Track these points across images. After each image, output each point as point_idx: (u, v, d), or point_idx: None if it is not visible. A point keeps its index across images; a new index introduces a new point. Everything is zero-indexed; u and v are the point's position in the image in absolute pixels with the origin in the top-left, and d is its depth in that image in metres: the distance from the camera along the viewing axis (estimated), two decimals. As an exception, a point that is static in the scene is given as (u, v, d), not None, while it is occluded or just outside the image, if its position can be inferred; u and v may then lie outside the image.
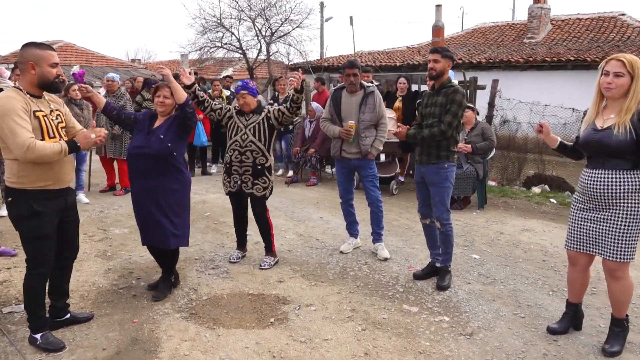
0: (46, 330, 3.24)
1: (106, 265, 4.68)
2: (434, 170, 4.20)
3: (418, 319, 3.69)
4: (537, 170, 8.75)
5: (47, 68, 3.04)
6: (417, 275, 4.43)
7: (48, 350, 3.16)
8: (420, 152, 4.28)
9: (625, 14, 19.55)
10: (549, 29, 19.96)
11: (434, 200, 4.25)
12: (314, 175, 8.64)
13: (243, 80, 4.70)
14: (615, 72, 3.02)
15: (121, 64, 28.63)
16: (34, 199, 3.03)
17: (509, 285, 4.32)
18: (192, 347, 3.26)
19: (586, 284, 3.43)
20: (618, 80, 3.02)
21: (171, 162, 3.83)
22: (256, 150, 4.45)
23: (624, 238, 3.08)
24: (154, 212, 3.83)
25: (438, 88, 4.19)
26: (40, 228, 3.07)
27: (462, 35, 22.54)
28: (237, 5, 18.08)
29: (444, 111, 4.11)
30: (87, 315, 3.61)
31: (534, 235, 5.76)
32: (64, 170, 3.16)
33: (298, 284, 4.32)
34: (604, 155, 3.10)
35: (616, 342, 3.22)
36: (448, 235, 4.27)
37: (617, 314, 3.24)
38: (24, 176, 3.01)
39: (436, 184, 4.21)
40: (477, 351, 3.25)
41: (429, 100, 4.26)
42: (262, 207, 4.65)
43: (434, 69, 4.12)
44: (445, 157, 4.17)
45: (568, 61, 15.34)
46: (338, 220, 6.10)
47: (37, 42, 3.10)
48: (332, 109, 5.02)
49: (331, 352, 3.23)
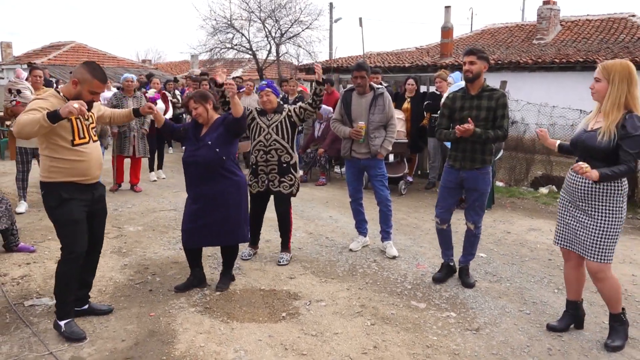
0: (71, 319, 3.41)
1: (122, 261, 4.82)
2: (479, 176, 4.15)
3: (426, 315, 3.79)
4: (545, 170, 8.81)
5: (86, 92, 3.24)
6: (437, 279, 4.40)
7: (70, 340, 3.31)
8: (462, 157, 4.14)
9: (635, 14, 19.50)
10: (559, 30, 19.95)
11: (473, 205, 4.24)
12: (323, 175, 8.75)
13: (268, 80, 4.85)
14: (595, 78, 3.17)
15: (132, 65, 28.94)
16: (63, 189, 3.26)
17: (515, 283, 4.41)
18: (208, 339, 3.38)
19: (582, 281, 3.51)
20: (597, 85, 3.16)
21: (223, 167, 3.98)
22: (280, 148, 4.58)
23: (603, 240, 3.18)
24: (207, 215, 3.98)
25: (479, 91, 4.11)
26: (69, 213, 3.28)
27: (471, 36, 22.58)
28: (248, 6, 18.32)
29: (492, 116, 4.04)
30: (106, 307, 3.76)
31: (541, 234, 5.83)
32: (92, 168, 3.35)
33: (308, 280, 4.43)
34: (588, 156, 3.20)
35: (617, 336, 3.31)
36: (478, 238, 4.36)
37: (612, 310, 3.35)
38: (54, 172, 3.24)
39: (480, 189, 4.18)
40: (483, 345, 3.35)
41: (466, 104, 4.14)
42: (288, 204, 4.79)
43: (470, 71, 4.04)
44: (489, 162, 4.17)
45: (577, 62, 15.36)
46: (347, 219, 6.21)
47: (95, 66, 3.28)
48: (342, 110, 5.12)
49: (341, 345, 3.35)
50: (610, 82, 3.09)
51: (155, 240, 5.48)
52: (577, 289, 3.53)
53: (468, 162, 4.14)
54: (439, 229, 4.48)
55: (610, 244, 3.19)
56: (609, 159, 3.11)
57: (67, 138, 3.23)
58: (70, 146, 3.23)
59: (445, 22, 19.29)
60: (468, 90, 4.17)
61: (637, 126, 3.02)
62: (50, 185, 3.28)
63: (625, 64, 3.11)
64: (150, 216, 6.40)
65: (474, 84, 4.12)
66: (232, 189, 4.02)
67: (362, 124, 4.95)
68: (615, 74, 3.07)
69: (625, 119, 3.06)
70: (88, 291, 3.70)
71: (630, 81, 3.07)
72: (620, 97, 3.07)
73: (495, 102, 4.04)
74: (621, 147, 3.05)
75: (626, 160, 3.05)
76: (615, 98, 3.07)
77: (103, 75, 3.29)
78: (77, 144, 3.26)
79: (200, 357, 3.17)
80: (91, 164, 3.34)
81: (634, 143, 3.02)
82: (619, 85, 3.06)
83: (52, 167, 3.24)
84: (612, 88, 3.09)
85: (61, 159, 3.23)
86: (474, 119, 4.01)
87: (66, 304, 3.39)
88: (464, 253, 4.42)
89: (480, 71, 4.06)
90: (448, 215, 4.39)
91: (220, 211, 3.99)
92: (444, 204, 4.35)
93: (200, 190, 3.99)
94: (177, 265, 4.70)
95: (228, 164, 4.00)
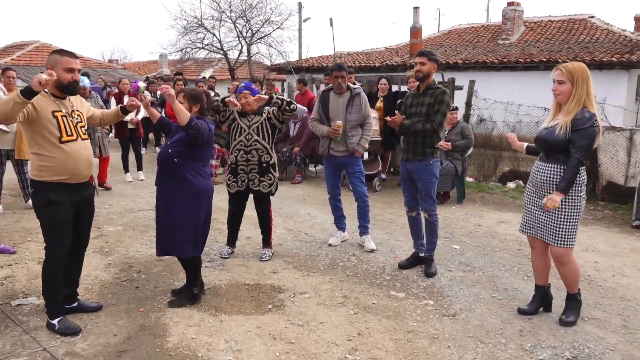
0: (62, 315, 3.48)
1: (105, 260, 4.87)
2: (421, 167, 4.49)
3: (405, 303, 3.99)
4: (512, 166, 9.17)
5: (62, 72, 3.27)
6: (402, 265, 4.74)
7: (66, 334, 3.39)
8: (406, 150, 4.56)
9: (594, 16, 20.27)
10: (522, 30, 20.58)
11: (421, 194, 4.56)
12: (298, 173, 8.90)
13: (246, 82, 4.96)
14: (557, 80, 3.44)
15: (99, 65, 28.44)
16: (52, 190, 3.30)
17: (487, 272, 4.66)
18: (198, 331, 3.50)
19: (548, 266, 3.80)
20: (560, 87, 3.44)
21: (176, 169, 3.77)
22: (261, 148, 4.71)
23: (564, 226, 3.48)
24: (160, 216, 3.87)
25: (425, 89, 4.47)
26: (55, 215, 3.33)
27: (439, 36, 23.04)
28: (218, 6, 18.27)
29: (432, 111, 4.39)
30: (95, 305, 3.83)
31: (510, 227, 6.13)
32: (81, 166, 3.40)
33: (291, 274, 4.58)
34: (548, 150, 3.51)
35: (572, 313, 3.66)
36: (434, 226, 4.60)
37: (570, 290, 3.69)
38: (43, 170, 3.29)
39: (423, 180, 4.52)
40: (460, 329, 3.57)
41: (414, 100, 4.55)
42: (268, 203, 4.93)
43: (420, 71, 4.40)
44: (430, 154, 4.48)
45: (540, 62, 15.91)
46: (325, 216, 6.38)
47: (61, 50, 3.36)
48: (320, 110, 5.29)
49: (327, 333, 3.51)
50: (575, 84, 3.37)
51: (136, 239, 5.54)
52: (544, 275, 3.80)
53: (411, 154, 4.53)
54: (408, 217, 4.82)
55: (571, 229, 3.49)
56: (567, 151, 3.41)
57: (55, 134, 3.27)
58: (58, 143, 3.27)
59: (415, 22, 19.65)
60: (419, 88, 4.54)
61: (585, 119, 3.33)
62: (40, 184, 3.31)
63: (584, 67, 3.42)
64: (129, 216, 6.43)
65: (424, 83, 4.49)
66: (182, 195, 3.74)
67: (340, 123, 5.12)
68: (578, 76, 3.36)
69: (576, 114, 3.36)
70: (75, 289, 3.75)
71: (588, 82, 3.39)
72: (582, 96, 3.37)
73: (434, 98, 4.41)
74: (571, 138, 3.36)
75: (573, 150, 3.36)
76: (579, 98, 3.37)
77: (71, 53, 3.34)
78: (64, 141, 3.30)
79: (192, 348, 3.29)
80: (80, 162, 3.37)
81: (581, 135, 3.33)
82: (581, 86, 3.37)
83: (40, 165, 3.28)
84: (576, 89, 3.37)
85: (49, 156, 3.26)
86: (417, 115, 4.48)
87: (56, 302, 3.46)
88: (426, 242, 4.68)
89: (430, 72, 4.43)
90: (414, 203, 4.70)
91: (163, 218, 3.81)
92: (406, 193, 4.74)
93: (159, 188, 3.88)
94: (162, 263, 4.78)
95: (182, 168, 3.75)
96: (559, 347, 3.34)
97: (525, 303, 3.93)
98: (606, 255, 5.13)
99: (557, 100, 3.51)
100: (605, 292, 4.24)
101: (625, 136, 7.46)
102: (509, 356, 3.25)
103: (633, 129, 7.72)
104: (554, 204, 3.36)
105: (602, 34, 18.49)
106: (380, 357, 3.23)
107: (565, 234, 3.49)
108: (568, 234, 3.49)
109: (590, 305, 3.96)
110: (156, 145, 12.68)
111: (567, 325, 3.60)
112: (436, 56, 4.47)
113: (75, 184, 3.40)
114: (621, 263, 4.92)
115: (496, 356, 3.25)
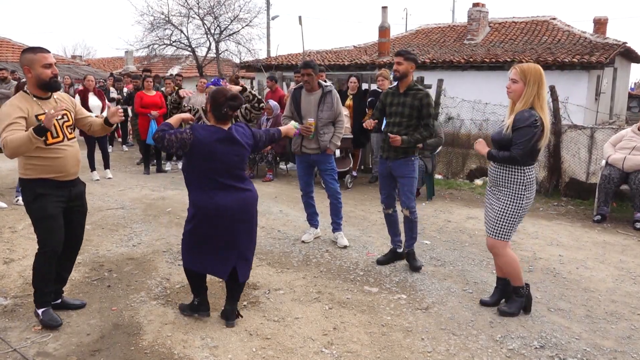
0: (48, 307, 3.47)
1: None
2: (403, 164, 4.56)
3: (379, 298, 4.06)
4: (479, 163, 9.37)
5: (40, 69, 3.23)
6: (380, 261, 4.78)
7: (47, 326, 3.41)
8: (387, 148, 4.60)
9: (556, 18, 20.87)
10: (487, 31, 21.02)
11: (403, 190, 4.61)
12: (270, 171, 8.90)
13: (214, 78, 4.91)
14: (511, 78, 3.55)
15: (62, 61, 27.68)
16: (38, 185, 3.30)
17: (457, 266, 4.77)
18: (174, 329, 3.48)
19: None
20: (513, 86, 3.55)
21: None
22: None
23: (502, 219, 3.62)
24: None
25: (405, 89, 4.51)
26: (44, 209, 3.31)
27: (407, 35, 23.33)
28: (186, 2, 18.03)
29: (415, 113, 4.47)
30: (79, 302, 3.79)
31: (478, 222, 6.27)
32: (68, 164, 3.37)
33: (265, 271, 4.59)
34: (498, 148, 3.64)
35: (513, 305, 3.77)
36: (415, 222, 4.69)
37: (513, 283, 3.78)
38: (30, 168, 3.29)
39: (405, 176, 4.59)
40: (433, 322, 3.66)
41: (394, 100, 4.58)
42: None
43: (397, 71, 4.45)
44: (411, 152, 4.57)
45: (505, 62, 16.27)
46: (297, 213, 6.41)
47: (31, 47, 3.30)
48: (292, 107, 5.31)
49: (303, 328, 3.54)
50: (526, 84, 3.47)
51: (106, 238, 5.45)
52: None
53: (392, 153, 4.59)
54: (385, 214, 4.86)
55: (506, 224, 3.62)
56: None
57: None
58: (44, 146, 3.25)
59: (383, 22, 19.84)
60: (398, 88, 4.58)
61: (524, 118, 3.44)
62: (27, 181, 3.34)
63: (539, 68, 3.51)
64: (98, 215, 6.31)
65: (402, 83, 4.54)
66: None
67: (312, 120, 5.15)
68: (530, 77, 3.46)
69: (516, 114, 3.47)
70: (62, 286, 3.74)
71: (540, 84, 3.48)
72: (531, 97, 3.47)
73: (419, 101, 4.49)
74: (512, 137, 3.48)
75: (512, 148, 3.49)
76: (528, 98, 3.47)
77: (43, 48, 3.31)
78: (50, 144, 3.28)
79: (168, 345, 3.27)
80: (67, 161, 3.36)
81: (519, 134, 3.45)
82: (532, 86, 3.46)
83: (27, 164, 3.29)
84: (527, 89, 3.47)
85: (36, 157, 3.26)
86: (399, 115, 4.53)
87: (44, 294, 3.46)
88: (406, 238, 4.75)
89: (407, 71, 4.48)
90: (391, 200, 4.77)
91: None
92: (384, 191, 4.79)
93: None
94: (133, 262, 4.72)
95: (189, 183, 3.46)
96: (527, 337, 3.46)
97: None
98: (570, 249, 5.32)
99: (509, 98, 3.62)
100: (570, 284, 4.40)
101: (587, 134, 7.73)
102: (480, 347, 3.34)
103: (594, 127, 8.01)
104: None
105: (564, 35, 19.06)
106: (355, 350, 3.28)
107: (499, 226, 3.63)
108: (501, 226, 3.62)
109: (556, 297, 4.10)
110: (123, 144, 12.45)
111: (502, 315, 3.71)
112: (413, 55, 4.51)
113: (63, 181, 3.39)
114: (584, 256, 5.11)
115: (468, 347, 3.34)
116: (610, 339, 3.48)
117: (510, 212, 3.60)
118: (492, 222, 3.68)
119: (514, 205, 3.59)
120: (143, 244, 5.26)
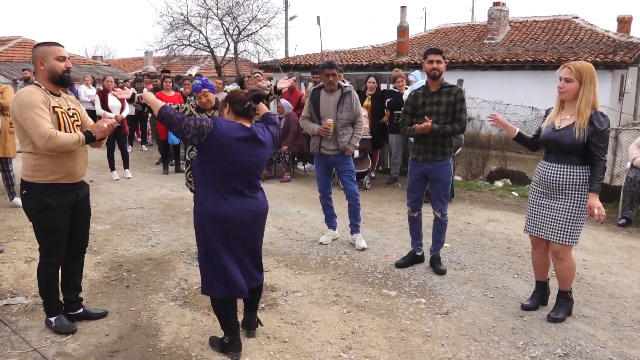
0: (60, 314, 3.43)
1: (94, 259, 4.81)
2: (441, 167, 4.46)
3: (397, 301, 4.00)
4: (500, 165, 9.25)
5: (54, 62, 3.17)
6: (399, 264, 4.71)
7: (61, 333, 3.36)
8: (424, 150, 4.44)
9: (578, 17, 20.51)
10: (508, 30, 20.75)
11: (438, 195, 4.53)
12: (287, 171, 8.88)
13: (200, 77, 4.84)
14: (565, 78, 3.45)
15: (83, 61, 28.12)
16: (46, 193, 3.19)
17: (478, 270, 4.68)
18: (191, 330, 3.47)
19: (548, 264, 3.84)
20: (567, 85, 3.44)
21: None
22: None
23: (570, 224, 3.52)
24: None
25: (439, 88, 4.42)
26: (52, 221, 3.23)
27: (426, 35, 23.15)
28: (205, 3, 18.14)
29: (451, 109, 4.36)
30: (101, 311, 3.68)
31: (499, 225, 6.17)
32: (78, 165, 3.31)
33: (283, 272, 4.57)
34: (561, 152, 3.52)
35: (561, 310, 3.70)
36: (445, 224, 4.64)
37: (562, 288, 3.72)
38: (39, 170, 3.16)
39: (443, 180, 4.49)
40: (453, 327, 3.59)
41: (427, 100, 4.44)
42: None
43: (437, 70, 4.34)
44: (448, 153, 4.47)
45: (526, 62, 16.05)
46: (315, 214, 6.37)
47: (45, 41, 3.26)
48: (311, 108, 5.27)
49: (321, 332, 3.51)
50: (583, 83, 3.38)
51: (125, 238, 5.48)
52: (544, 271, 3.87)
53: (430, 155, 4.45)
54: (410, 217, 4.76)
55: (575, 228, 3.52)
56: (582, 154, 3.44)
57: None
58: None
59: (402, 21, 19.71)
60: (428, 87, 4.49)
61: (602, 122, 3.37)
62: (33, 186, 3.19)
63: (592, 67, 3.43)
64: (117, 215, 6.36)
65: (435, 82, 4.44)
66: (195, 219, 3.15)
67: (331, 121, 5.11)
68: (586, 76, 3.37)
69: (591, 116, 3.38)
70: (78, 293, 3.62)
71: (594, 82, 3.41)
72: (591, 96, 3.38)
73: (454, 97, 4.38)
74: (592, 142, 3.38)
75: (598, 154, 3.39)
76: (588, 97, 3.38)
77: (57, 42, 3.26)
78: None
79: (186, 347, 3.26)
80: (76, 162, 3.29)
81: (602, 137, 3.38)
82: (589, 85, 3.38)
83: (36, 165, 3.15)
84: (584, 88, 3.38)
85: (46, 155, 3.13)
86: (435, 114, 4.37)
87: (53, 302, 3.42)
88: (433, 242, 4.68)
89: (443, 70, 4.40)
90: (418, 204, 4.68)
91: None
92: (413, 195, 4.66)
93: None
94: (152, 262, 4.74)
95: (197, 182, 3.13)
96: (551, 344, 3.37)
97: (516, 300, 3.97)
98: (594, 253, 5.20)
99: (561, 98, 3.52)
100: (594, 290, 4.29)
101: (611, 136, 7.56)
102: (502, 354, 3.27)
103: (618, 129, 7.84)
104: (599, 207, 3.36)
105: (586, 34, 18.72)
106: (374, 355, 3.24)
107: (571, 232, 3.53)
108: (573, 231, 3.53)
109: (580, 303, 4.00)
110: (142, 143, 12.55)
111: (555, 322, 3.63)
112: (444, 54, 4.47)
113: (70, 184, 3.30)
114: (609, 261, 4.99)
115: (489, 354, 3.27)
116: (638, 347, 3.38)
117: (580, 215, 3.51)
118: (559, 227, 3.55)
119: (583, 207, 3.49)
120: (161, 244, 5.27)
